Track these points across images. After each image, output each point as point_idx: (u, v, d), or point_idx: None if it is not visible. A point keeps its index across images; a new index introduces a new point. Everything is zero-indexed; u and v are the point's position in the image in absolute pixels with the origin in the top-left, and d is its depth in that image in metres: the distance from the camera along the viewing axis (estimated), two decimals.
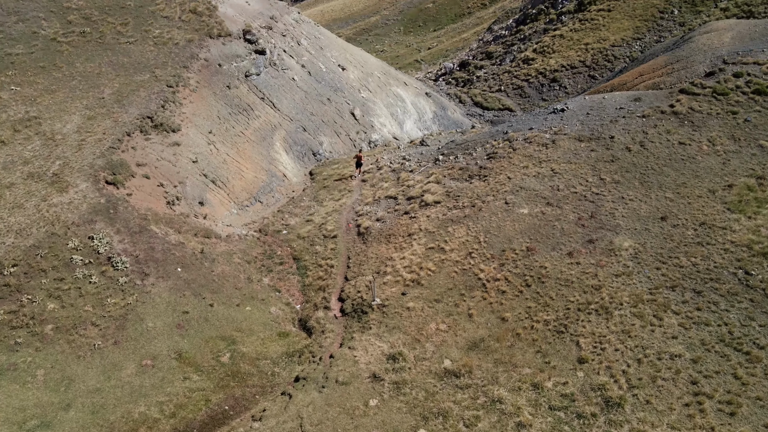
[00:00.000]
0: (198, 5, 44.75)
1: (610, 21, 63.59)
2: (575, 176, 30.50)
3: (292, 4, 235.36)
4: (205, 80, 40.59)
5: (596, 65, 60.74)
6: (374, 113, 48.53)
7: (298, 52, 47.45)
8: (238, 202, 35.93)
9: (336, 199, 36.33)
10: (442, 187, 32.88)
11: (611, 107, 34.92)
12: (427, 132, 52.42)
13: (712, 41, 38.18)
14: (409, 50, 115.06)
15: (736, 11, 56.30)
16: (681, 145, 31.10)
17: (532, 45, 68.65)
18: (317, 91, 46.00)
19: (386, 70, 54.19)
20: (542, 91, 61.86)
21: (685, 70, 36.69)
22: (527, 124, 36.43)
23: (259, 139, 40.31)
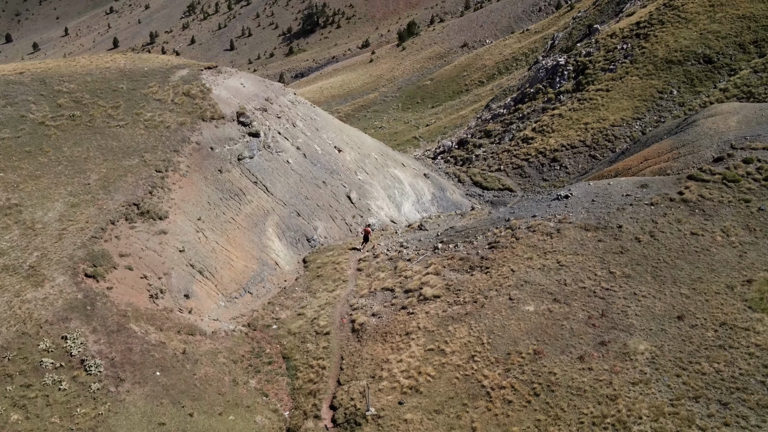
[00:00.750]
0: (192, 88, 43.99)
1: (609, 101, 63.14)
2: (583, 269, 28.73)
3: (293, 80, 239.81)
4: (196, 164, 39.33)
5: (597, 145, 59.88)
6: (371, 196, 47.19)
7: (293, 134, 46.48)
8: (227, 294, 34.03)
9: (330, 290, 34.44)
10: (441, 279, 31.06)
11: (617, 194, 33.49)
12: (425, 214, 50.98)
13: (717, 125, 37.13)
14: (407, 127, 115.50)
15: (736, 92, 55.78)
16: (693, 236, 29.48)
17: (531, 124, 68.11)
18: (312, 174, 44.76)
19: (383, 151, 53.22)
20: (542, 170, 60.81)
21: (692, 155, 35.46)
22: (530, 211, 34.92)
23: (251, 225, 38.73)
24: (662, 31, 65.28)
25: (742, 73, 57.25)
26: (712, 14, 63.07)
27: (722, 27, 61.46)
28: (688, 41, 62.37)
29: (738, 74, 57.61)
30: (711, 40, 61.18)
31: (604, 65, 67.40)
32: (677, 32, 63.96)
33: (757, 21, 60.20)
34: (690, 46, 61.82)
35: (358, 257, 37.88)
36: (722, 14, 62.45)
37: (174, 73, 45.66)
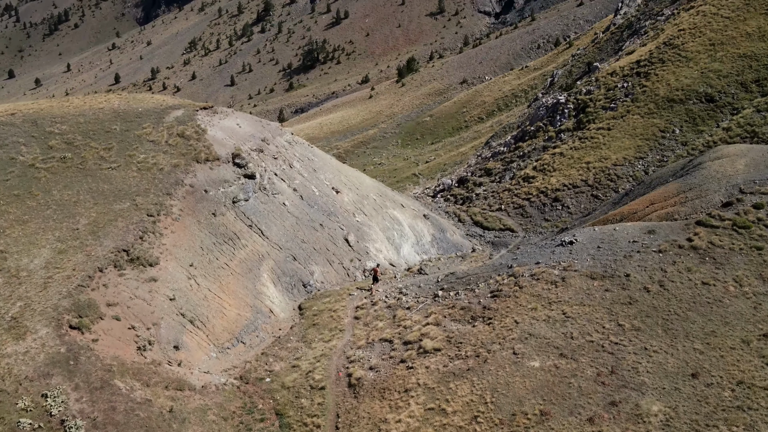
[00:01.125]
0: (186, 129, 43.15)
1: (610, 139, 62.41)
2: (590, 321, 27.46)
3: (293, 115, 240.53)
4: (190, 208, 38.26)
5: (599, 184, 58.95)
6: (370, 238, 46.05)
7: (290, 176, 45.52)
8: (219, 344, 32.67)
9: (326, 340, 33.08)
10: (442, 331, 29.76)
11: (623, 240, 32.36)
12: (425, 256, 49.80)
13: (725, 168, 36.17)
14: (406, 163, 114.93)
15: (740, 131, 55.04)
16: (705, 286, 28.26)
17: (532, 162, 67.31)
18: (309, 217, 43.69)
19: (382, 192, 52.23)
20: (544, 210, 59.79)
21: (700, 200, 34.42)
22: (533, 257, 33.75)
23: (245, 270, 37.51)
24: (663, 69, 64.85)
25: (745, 112, 56.60)
26: (713, 53, 62.67)
27: (723, 66, 61.00)
28: (689, 80, 61.86)
29: (741, 113, 56.95)
30: (712, 78, 60.67)
31: (605, 104, 66.84)
32: (678, 71, 63.51)
33: (759, 60, 59.75)
34: (691, 85, 61.28)
35: (356, 304, 36.60)
36: (723, 53, 62.06)
37: (169, 113, 44.89)
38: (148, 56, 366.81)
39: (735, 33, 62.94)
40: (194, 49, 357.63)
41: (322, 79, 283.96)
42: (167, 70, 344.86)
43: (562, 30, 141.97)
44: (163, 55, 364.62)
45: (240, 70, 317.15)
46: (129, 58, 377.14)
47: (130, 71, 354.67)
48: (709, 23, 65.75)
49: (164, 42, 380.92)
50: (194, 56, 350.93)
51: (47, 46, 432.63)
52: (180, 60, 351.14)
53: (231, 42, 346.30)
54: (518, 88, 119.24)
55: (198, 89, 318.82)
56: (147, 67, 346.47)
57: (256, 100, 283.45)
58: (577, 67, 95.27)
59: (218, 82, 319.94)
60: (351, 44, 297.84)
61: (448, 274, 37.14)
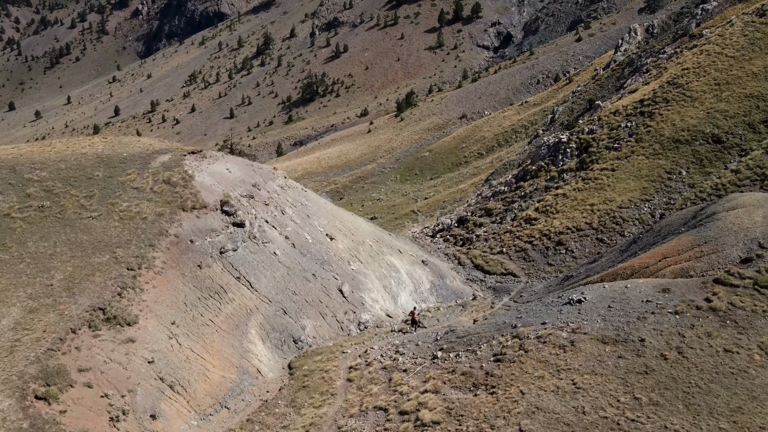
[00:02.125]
0: (173, 175, 41.19)
1: (615, 181, 60.50)
2: (603, 393, 25.12)
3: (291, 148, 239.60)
4: (174, 260, 36.10)
5: (604, 228, 56.85)
6: (365, 288, 43.81)
7: (281, 223, 43.45)
8: (200, 411, 30.25)
9: (316, 406, 30.66)
10: (441, 400, 27.37)
11: (636, 299, 30.14)
12: (424, 305, 47.46)
13: (741, 220, 34.08)
14: (405, 199, 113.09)
15: (749, 174, 53.14)
16: (727, 354, 25.99)
17: (534, 203, 65.32)
18: (301, 266, 41.51)
19: (379, 237, 50.12)
20: (547, 254, 57.59)
21: (716, 254, 32.27)
22: (539, 317, 31.49)
23: (232, 327, 35.22)
24: (667, 109, 63.23)
25: (754, 154, 54.78)
26: (719, 93, 61.11)
27: (730, 106, 59.37)
28: (695, 120, 60.20)
29: (750, 155, 55.14)
30: (719, 119, 58.99)
31: (608, 143, 65.11)
32: (683, 111, 61.89)
33: (766, 100, 58.13)
34: (697, 126, 59.60)
35: (349, 364, 34.22)
36: (729, 93, 60.48)
37: (155, 158, 42.99)
38: (148, 89, 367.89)
39: (740, 72, 61.45)
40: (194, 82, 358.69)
41: (321, 111, 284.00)
42: (167, 102, 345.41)
43: (561, 65, 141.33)
44: (163, 87, 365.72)
45: (239, 102, 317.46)
46: (129, 90, 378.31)
47: (130, 104, 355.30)
48: (714, 62, 64.33)
49: (164, 75, 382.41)
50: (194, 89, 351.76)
51: (48, 78, 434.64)
52: (180, 93, 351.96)
53: (231, 75, 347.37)
54: (518, 123, 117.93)
55: (197, 121, 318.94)
56: (147, 99, 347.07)
57: (255, 132, 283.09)
58: (578, 104, 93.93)
59: (217, 115, 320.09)
60: (350, 77, 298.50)
61: (448, 331, 34.82)
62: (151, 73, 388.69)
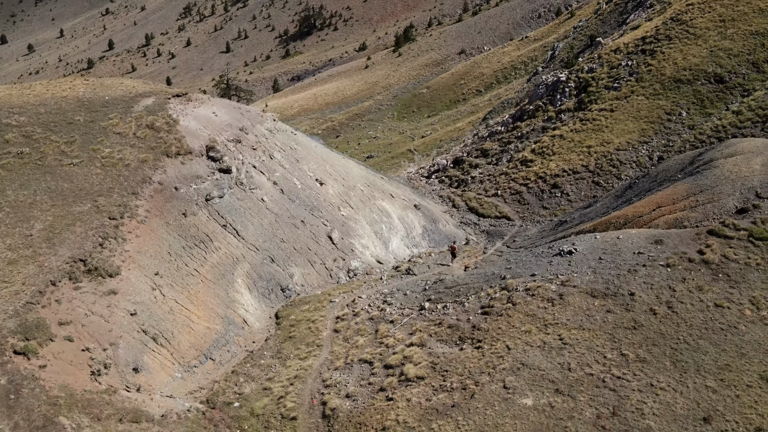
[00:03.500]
0: (156, 119, 39.95)
1: (613, 122, 59.09)
2: (590, 349, 24.71)
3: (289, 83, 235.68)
4: (157, 208, 35.29)
5: (601, 171, 55.82)
6: (356, 234, 43.16)
7: (269, 167, 42.45)
8: (184, 363, 29.99)
9: (302, 358, 30.41)
10: (427, 354, 27.03)
11: (628, 251, 29.47)
12: (416, 250, 46.95)
13: (739, 168, 33.07)
14: (402, 137, 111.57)
15: (751, 115, 51.74)
16: (718, 309, 25.47)
17: (531, 145, 64.08)
18: (290, 213, 40.73)
19: (371, 181, 49.17)
20: (542, 198, 56.74)
21: (712, 204, 31.41)
22: (529, 268, 30.89)
23: (217, 276, 34.69)
24: (670, 47, 61.24)
25: (757, 95, 53.26)
26: (723, 30, 59.03)
27: (734, 44, 57.42)
28: (697, 59, 58.34)
29: (752, 95, 53.60)
30: (722, 58, 57.15)
31: (608, 83, 63.37)
32: (686, 49, 59.94)
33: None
34: (700, 65, 57.79)
35: (336, 314, 33.86)
36: (734, 30, 58.41)
37: (138, 102, 41.64)
38: (142, 22, 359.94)
39: (747, 8, 59.24)
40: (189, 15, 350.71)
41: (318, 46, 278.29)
42: (162, 36, 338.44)
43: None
44: (158, 20, 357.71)
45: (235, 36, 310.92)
46: (123, 23, 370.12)
47: (124, 37, 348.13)
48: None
49: (159, 7, 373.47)
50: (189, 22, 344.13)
51: (39, 11, 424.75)
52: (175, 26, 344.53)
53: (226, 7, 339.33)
54: (518, 60, 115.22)
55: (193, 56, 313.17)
56: (141, 33, 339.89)
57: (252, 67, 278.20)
58: (579, 40, 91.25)
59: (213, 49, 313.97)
60: (348, 10, 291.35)
61: (436, 281, 34.31)
62: (145, 6, 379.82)
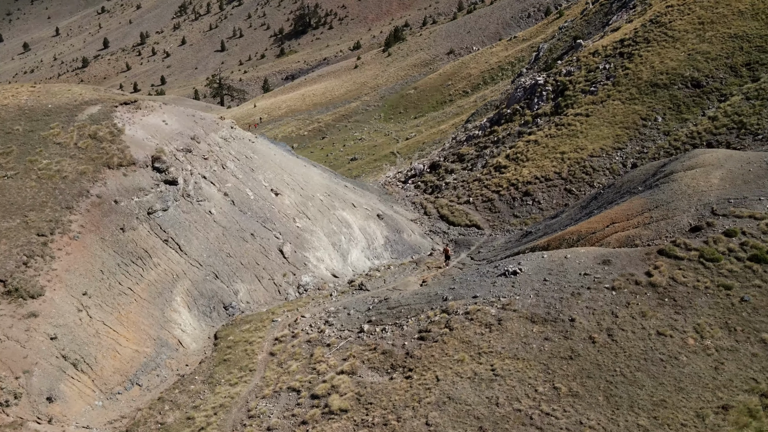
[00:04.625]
0: (100, 129, 38.48)
1: (588, 127, 57.52)
2: (521, 382, 23.21)
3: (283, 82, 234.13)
4: (93, 223, 33.83)
5: (573, 178, 54.28)
6: (310, 246, 41.68)
7: (221, 178, 40.97)
8: (107, 390, 28.54)
9: (232, 384, 28.95)
10: (354, 384, 25.54)
11: (574, 272, 27.95)
12: (377, 261, 45.47)
13: (697, 182, 31.51)
14: (387, 139, 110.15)
15: (726, 121, 50.17)
16: (660, 337, 23.96)
17: (506, 150, 62.54)
18: (239, 226, 39.25)
19: (332, 190, 47.67)
20: (513, 205, 55.20)
21: (666, 221, 29.86)
22: (472, 289, 29.37)
23: (154, 295, 33.24)
24: (648, 50, 59.67)
25: (733, 100, 51.72)
26: (702, 33, 57.44)
27: (712, 47, 55.85)
28: (675, 62, 56.77)
29: (729, 100, 52.06)
30: (700, 61, 55.58)
31: (585, 86, 61.82)
32: (663, 52, 58.37)
33: (750, 41, 54.57)
34: (677, 68, 56.24)
35: (276, 335, 32.37)
36: (712, 33, 56.83)
37: (83, 110, 40.17)
38: (137, 20, 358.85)
39: (726, 10, 57.64)
40: (184, 13, 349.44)
41: (313, 44, 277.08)
42: (157, 35, 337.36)
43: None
44: (153, 19, 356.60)
45: (230, 35, 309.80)
46: (118, 22, 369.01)
47: (119, 36, 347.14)
48: None
49: (154, 5, 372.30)
50: (184, 21, 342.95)
51: (35, 9, 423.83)
52: (170, 24, 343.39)
53: (222, 6, 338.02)
54: (505, 60, 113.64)
55: (188, 55, 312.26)
56: (136, 31, 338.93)
57: (246, 66, 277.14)
58: (564, 41, 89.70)
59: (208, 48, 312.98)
60: (344, 9, 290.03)
61: (381, 300, 32.83)
62: (141, 4, 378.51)
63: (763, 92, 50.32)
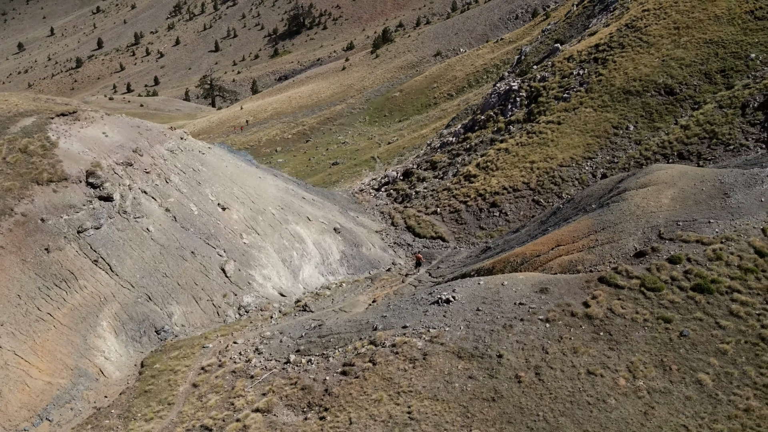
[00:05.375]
0: (31, 142, 36.76)
1: (559, 135, 55.71)
2: (437, 427, 21.45)
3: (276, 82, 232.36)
4: (15, 243, 32.11)
5: (542, 188, 52.49)
6: (257, 264, 39.94)
7: (163, 193, 39.23)
8: (11, 426, 26.81)
9: (147, 419, 27.22)
10: (267, 425, 23.79)
11: (509, 301, 26.19)
12: (332, 277, 43.75)
13: (648, 202, 29.70)
14: (370, 143, 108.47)
15: (698, 131, 48.36)
16: (590, 377, 22.19)
17: (477, 158, 60.76)
18: (179, 243, 37.51)
19: (286, 203, 45.92)
20: (480, 217, 53.40)
21: (611, 245, 28.08)
22: (403, 318, 27.60)
23: (77, 320, 31.51)
24: (622, 56, 57.86)
25: (706, 108, 49.96)
26: (677, 38, 55.61)
27: (687, 53, 54.04)
28: (648, 69, 54.97)
29: (702, 108, 50.31)
30: (674, 68, 53.77)
31: (558, 93, 60.04)
32: (638, 58, 56.57)
33: (726, 47, 52.75)
34: (650, 75, 54.45)
35: (203, 363, 30.63)
36: (687, 38, 54.99)
37: (16, 122, 38.43)
38: (132, 20, 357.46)
39: (702, 15, 55.83)
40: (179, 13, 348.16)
41: (307, 45, 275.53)
42: (151, 35, 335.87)
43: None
44: (148, 19, 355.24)
45: (225, 35, 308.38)
46: (113, 22, 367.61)
47: (114, 36, 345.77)
48: (676, 3, 58.56)
49: (149, 5, 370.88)
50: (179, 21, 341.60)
51: (31, 9, 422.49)
52: (164, 24, 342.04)
53: (216, 6, 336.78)
54: (490, 63, 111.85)
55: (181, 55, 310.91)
56: (130, 31, 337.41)
57: (240, 66, 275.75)
58: (546, 44, 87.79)
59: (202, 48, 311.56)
60: (338, 9, 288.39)
61: (315, 326, 31.07)
62: (135, 4, 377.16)
63: (735, 100, 48.58)
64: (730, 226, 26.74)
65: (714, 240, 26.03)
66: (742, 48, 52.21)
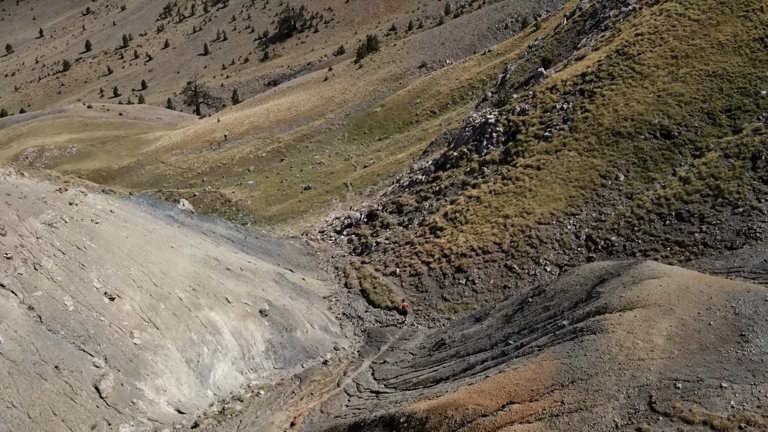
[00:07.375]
0: None
1: (538, 184, 47.50)
2: None
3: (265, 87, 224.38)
4: None
5: (516, 251, 44.27)
6: (150, 371, 31.89)
7: (28, 284, 31.18)
8: None
9: None
10: None
11: None
12: (252, 375, 35.72)
13: (635, 341, 21.42)
14: (346, 165, 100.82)
15: (700, 185, 40.21)
16: None
17: (445, 205, 52.64)
18: (39, 356, 29.46)
19: (202, 281, 37.82)
20: (444, 284, 45.21)
21: (581, 416, 19.80)
22: None
23: None
24: (611, 88, 49.64)
25: (710, 156, 41.86)
26: (675, 69, 47.35)
27: (686, 88, 45.79)
28: (642, 106, 46.79)
29: (704, 157, 42.20)
30: (671, 106, 45.57)
31: (539, 130, 51.92)
32: (629, 92, 48.36)
33: (732, 81, 44.51)
34: (644, 114, 46.27)
35: None
36: (687, 70, 46.73)
37: None
38: (121, 22, 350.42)
39: (704, 42, 47.50)
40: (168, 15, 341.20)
41: (298, 48, 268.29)
42: (140, 37, 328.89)
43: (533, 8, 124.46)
44: (137, 21, 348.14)
45: (214, 38, 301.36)
46: (102, 24, 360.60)
47: (102, 38, 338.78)
48: (674, 27, 50.23)
49: (139, 7, 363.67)
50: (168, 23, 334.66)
51: (21, 10, 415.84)
52: (154, 27, 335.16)
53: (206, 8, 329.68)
54: (476, 77, 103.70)
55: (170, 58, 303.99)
56: (119, 33, 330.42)
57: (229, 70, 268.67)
58: (532, 62, 79.70)
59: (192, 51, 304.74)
60: (330, 11, 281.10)
61: None
62: (125, 5, 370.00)
63: (744, 149, 40.41)
64: (752, 396, 18.53)
65: (729, 424, 17.82)
66: (751, 83, 43.97)
